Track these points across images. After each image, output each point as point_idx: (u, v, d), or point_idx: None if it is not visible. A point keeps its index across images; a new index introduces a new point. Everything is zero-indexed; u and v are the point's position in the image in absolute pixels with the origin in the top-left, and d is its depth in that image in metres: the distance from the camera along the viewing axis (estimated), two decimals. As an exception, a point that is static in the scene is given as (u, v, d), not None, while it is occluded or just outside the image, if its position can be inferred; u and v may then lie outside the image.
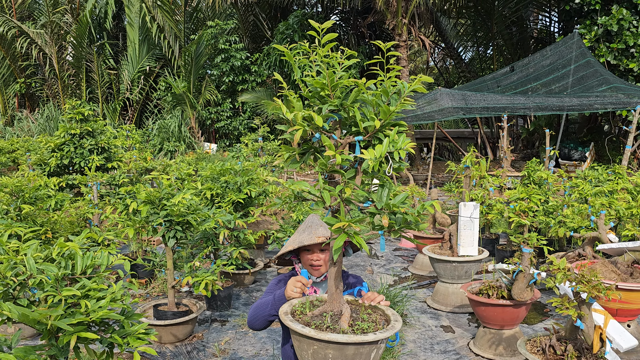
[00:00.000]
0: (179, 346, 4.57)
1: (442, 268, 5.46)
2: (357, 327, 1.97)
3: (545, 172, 7.35)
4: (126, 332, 2.15)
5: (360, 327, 1.96)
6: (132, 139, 11.20)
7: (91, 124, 8.28)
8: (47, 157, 8.19)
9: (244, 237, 5.70)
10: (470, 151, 6.54)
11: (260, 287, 6.23)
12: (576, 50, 13.72)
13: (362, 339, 1.85)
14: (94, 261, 2.21)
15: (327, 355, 1.89)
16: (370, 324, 2.01)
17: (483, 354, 4.37)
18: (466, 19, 21.50)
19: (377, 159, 1.80)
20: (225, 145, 19.63)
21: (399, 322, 2.02)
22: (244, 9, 21.30)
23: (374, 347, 1.91)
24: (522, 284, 4.01)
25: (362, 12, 20.11)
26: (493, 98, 13.16)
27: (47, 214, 5.00)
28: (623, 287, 4.03)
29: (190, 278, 4.44)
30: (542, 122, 17.16)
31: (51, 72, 20.49)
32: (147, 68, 20.81)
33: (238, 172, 6.27)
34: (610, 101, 11.95)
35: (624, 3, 13.63)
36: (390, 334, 1.93)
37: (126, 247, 7.63)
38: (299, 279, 2.36)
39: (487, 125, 19.86)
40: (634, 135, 8.94)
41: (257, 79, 19.27)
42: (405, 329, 4.96)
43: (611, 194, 6.24)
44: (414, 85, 1.93)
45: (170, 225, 4.48)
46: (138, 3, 20.21)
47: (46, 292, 2.00)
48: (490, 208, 6.78)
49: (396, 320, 2.03)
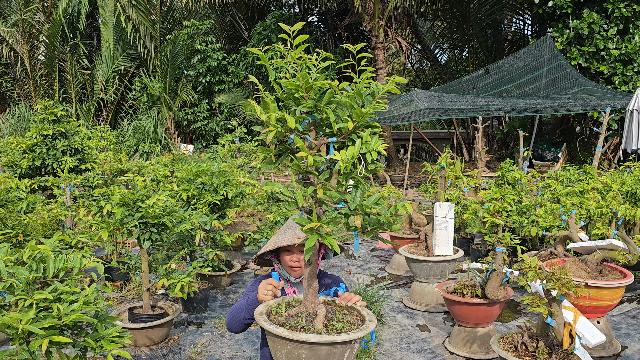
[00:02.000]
0: (154, 349, 4.53)
1: (418, 268, 5.52)
2: (331, 327, 1.98)
3: (518, 172, 7.49)
4: (99, 336, 2.13)
5: (334, 328, 1.98)
6: (107, 140, 11.05)
7: (64, 125, 8.14)
8: (19, 159, 8.03)
9: (221, 239, 5.68)
10: (446, 152, 6.63)
11: (237, 288, 6.21)
12: (549, 53, 14.00)
13: (335, 339, 1.87)
14: (67, 264, 2.18)
15: (300, 355, 1.90)
16: (345, 324, 2.02)
17: (458, 352, 4.43)
18: (442, 22, 21.72)
19: (349, 160, 1.82)
20: (202, 147, 19.49)
21: (373, 322, 2.04)
22: (221, 9, 21.18)
23: (347, 347, 1.92)
24: (495, 282, 4.08)
25: (340, 13, 20.18)
26: (468, 100, 13.34)
27: (19, 217, 4.91)
28: (592, 284, 4.13)
29: (166, 280, 4.40)
30: (516, 124, 17.44)
31: (23, 72, 20.06)
32: (122, 68, 20.53)
33: (214, 174, 6.24)
34: (582, 103, 12.22)
35: (594, 7, 13.96)
36: (364, 334, 1.94)
37: (100, 249, 7.53)
38: (269, 281, 2.38)
39: (463, 127, 20.11)
40: (604, 136, 9.16)
41: (234, 80, 19.18)
42: (381, 328, 4.99)
43: (582, 193, 6.39)
44: (387, 87, 1.96)
45: (146, 227, 4.44)
46: (112, 2, 19.93)
47: (17, 295, 1.97)
48: (465, 208, 6.87)
49: (370, 321, 2.05)
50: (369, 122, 1.99)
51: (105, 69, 20.26)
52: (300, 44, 1.97)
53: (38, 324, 1.89)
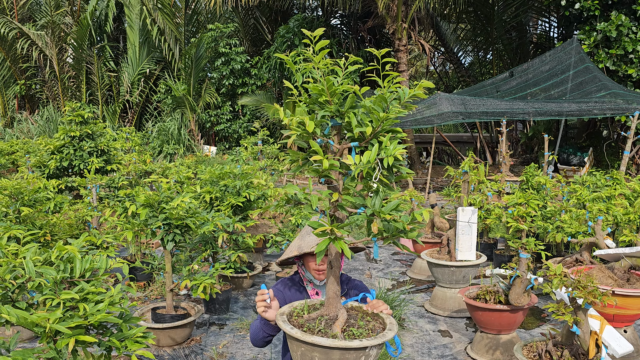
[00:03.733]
0: (176, 349, 4.58)
1: (440, 272, 5.47)
2: (349, 332, 1.98)
3: (543, 177, 7.37)
4: (124, 336, 2.16)
5: (352, 333, 1.97)
6: (132, 142, 11.21)
7: (91, 127, 8.29)
8: (47, 160, 8.20)
9: (243, 241, 5.71)
10: (469, 156, 6.56)
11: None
12: (575, 55, 13.76)
13: (348, 345, 1.86)
14: (93, 264, 2.22)
15: (313, 357, 1.90)
16: (366, 330, 2.02)
17: (480, 358, 4.38)
18: (466, 24, 21.55)
19: (364, 165, 1.81)
20: (225, 148, 19.65)
21: (392, 331, 2.02)
22: (244, 12, 21.35)
23: (361, 354, 1.91)
24: (519, 289, 4.02)
25: (363, 16, 20.16)
26: (492, 103, 13.19)
27: (46, 217, 5.01)
28: (619, 292, 4.04)
29: (188, 281, 4.44)
30: (541, 127, 17.19)
31: (51, 74, 20.50)
32: (147, 70, 20.84)
33: (237, 176, 6.28)
34: (609, 107, 11.98)
35: (623, 9, 13.68)
36: (379, 342, 1.92)
37: (125, 250, 7.64)
38: (258, 295, 2.37)
39: (486, 130, 19.89)
40: (632, 141, 8.96)
41: (257, 82, 19.30)
42: (403, 333, 4.96)
43: (609, 199, 6.26)
44: (414, 91, 1.95)
45: (169, 228, 4.50)
46: (139, 5, 20.25)
47: (45, 295, 2.01)
48: (488, 213, 6.79)
49: (389, 330, 2.03)
50: (394, 126, 1.99)
51: (131, 71, 20.59)
52: (322, 49, 1.97)
53: (65, 323, 1.92)
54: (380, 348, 1.98)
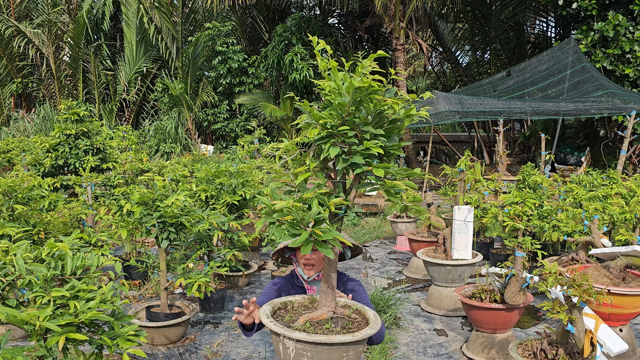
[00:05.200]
0: (171, 348, 4.56)
1: (436, 271, 5.46)
2: (325, 328, 2.02)
3: (540, 176, 7.37)
4: (116, 334, 2.14)
5: (328, 329, 2.01)
6: (128, 140, 11.17)
7: (87, 125, 8.25)
8: (42, 158, 8.16)
9: (238, 239, 5.70)
10: (466, 155, 6.55)
11: (254, 289, 6.22)
12: (572, 55, 13.77)
13: (316, 339, 1.90)
14: (84, 262, 2.20)
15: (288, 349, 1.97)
16: (348, 327, 2.04)
17: (476, 357, 4.37)
18: (464, 23, 21.54)
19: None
20: (222, 147, 19.62)
21: (372, 328, 2.02)
22: (242, 11, 21.31)
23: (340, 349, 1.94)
24: (514, 287, 4.01)
25: (360, 15, 20.14)
26: (490, 102, 13.20)
27: (40, 215, 4.98)
28: (615, 291, 4.04)
29: (183, 280, 4.43)
30: (538, 127, 17.19)
31: (48, 72, 20.44)
32: (144, 69, 20.78)
33: (233, 174, 6.26)
34: (606, 106, 11.99)
35: (620, 9, 13.70)
36: (347, 340, 1.92)
37: (120, 248, 7.62)
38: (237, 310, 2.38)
39: (483, 130, 19.89)
40: (628, 140, 8.97)
41: (254, 81, 19.27)
42: (398, 332, 4.96)
43: (605, 198, 6.26)
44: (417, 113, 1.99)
45: (164, 226, 4.48)
46: (136, 4, 20.19)
47: (35, 292, 1.99)
48: (485, 212, 6.78)
49: (371, 328, 2.03)
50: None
51: (128, 70, 20.53)
52: (320, 51, 1.97)
53: (55, 321, 1.90)
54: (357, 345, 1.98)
